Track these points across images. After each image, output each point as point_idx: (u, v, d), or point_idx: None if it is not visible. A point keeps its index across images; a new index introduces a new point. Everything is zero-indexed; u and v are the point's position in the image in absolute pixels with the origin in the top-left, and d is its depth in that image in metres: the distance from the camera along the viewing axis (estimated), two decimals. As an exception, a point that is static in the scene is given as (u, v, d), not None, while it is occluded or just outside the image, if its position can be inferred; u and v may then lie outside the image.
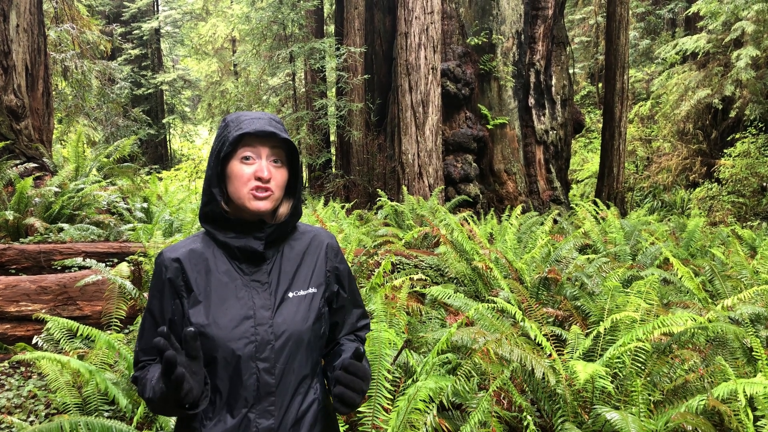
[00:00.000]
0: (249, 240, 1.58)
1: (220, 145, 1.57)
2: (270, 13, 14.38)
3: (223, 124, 1.63)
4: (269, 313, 1.56)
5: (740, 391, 2.65)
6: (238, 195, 1.56)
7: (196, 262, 1.59)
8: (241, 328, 1.53)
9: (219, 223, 1.61)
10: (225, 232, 1.60)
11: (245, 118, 1.59)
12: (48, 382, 3.54)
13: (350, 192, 13.62)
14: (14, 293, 4.66)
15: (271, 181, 1.56)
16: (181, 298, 1.57)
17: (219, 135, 1.61)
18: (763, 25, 13.96)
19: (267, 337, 1.54)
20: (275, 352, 1.55)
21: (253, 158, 1.56)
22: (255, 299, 1.57)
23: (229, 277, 1.58)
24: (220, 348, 1.51)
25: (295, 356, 1.58)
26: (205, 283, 1.56)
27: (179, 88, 28.51)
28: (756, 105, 15.10)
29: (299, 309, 1.60)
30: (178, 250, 1.61)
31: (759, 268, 5.86)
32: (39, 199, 7.21)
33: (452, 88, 11.77)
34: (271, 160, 1.58)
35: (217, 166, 1.57)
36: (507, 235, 7.12)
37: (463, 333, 3.61)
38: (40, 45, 9.91)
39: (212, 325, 1.51)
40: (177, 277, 1.57)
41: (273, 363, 1.54)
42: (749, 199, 14.35)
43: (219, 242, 1.61)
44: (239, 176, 1.55)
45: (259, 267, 1.61)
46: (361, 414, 3.07)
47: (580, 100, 25.22)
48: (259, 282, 1.59)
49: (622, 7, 14.11)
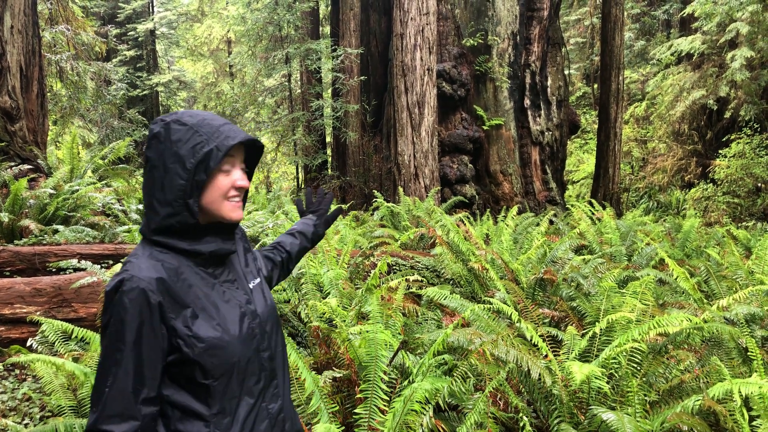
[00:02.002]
0: (224, 243, 1.57)
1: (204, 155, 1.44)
2: (266, 14, 14.36)
3: (183, 128, 1.48)
4: (252, 306, 1.62)
5: (736, 391, 2.66)
6: (216, 206, 1.51)
7: (176, 277, 1.46)
8: (244, 328, 1.55)
9: (188, 232, 1.50)
10: (192, 240, 1.51)
11: (218, 123, 1.50)
12: (43, 384, 3.52)
13: (346, 193, 13.62)
14: (9, 295, 4.64)
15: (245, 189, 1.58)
16: (169, 321, 1.42)
17: (184, 140, 1.46)
18: (758, 26, 14.01)
19: (260, 328, 1.61)
20: (268, 338, 1.64)
21: (231, 168, 1.53)
22: (238, 298, 1.59)
23: (207, 285, 1.53)
24: (237, 354, 1.51)
25: (279, 336, 1.71)
26: (195, 297, 1.48)
27: (175, 90, 28.43)
28: (751, 106, 15.15)
29: (264, 294, 1.70)
30: (152, 270, 1.43)
31: (754, 268, 5.88)
32: (34, 200, 7.18)
33: (448, 89, 11.78)
34: (242, 167, 1.58)
35: (200, 174, 1.45)
36: (503, 235, 7.12)
37: (460, 334, 3.60)
38: (35, 46, 9.88)
39: (224, 335, 1.49)
40: (164, 297, 1.41)
41: (273, 350, 1.64)
42: (744, 200, 14.40)
43: (185, 252, 1.50)
44: (220, 188, 1.50)
45: (222, 268, 1.61)
46: (358, 415, 3.07)
47: (575, 100, 25.27)
48: (229, 281, 1.60)
49: (617, 8, 14.15)
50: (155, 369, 1.40)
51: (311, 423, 3.08)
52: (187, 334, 1.43)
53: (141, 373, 1.37)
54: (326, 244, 5.77)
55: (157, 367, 1.40)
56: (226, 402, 1.49)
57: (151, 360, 1.39)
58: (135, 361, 1.36)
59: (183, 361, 1.43)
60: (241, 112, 19.96)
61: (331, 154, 16.81)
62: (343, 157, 14.37)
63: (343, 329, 3.50)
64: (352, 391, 3.41)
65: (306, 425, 3.08)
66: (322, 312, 4.11)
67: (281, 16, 13.93)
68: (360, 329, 3.54)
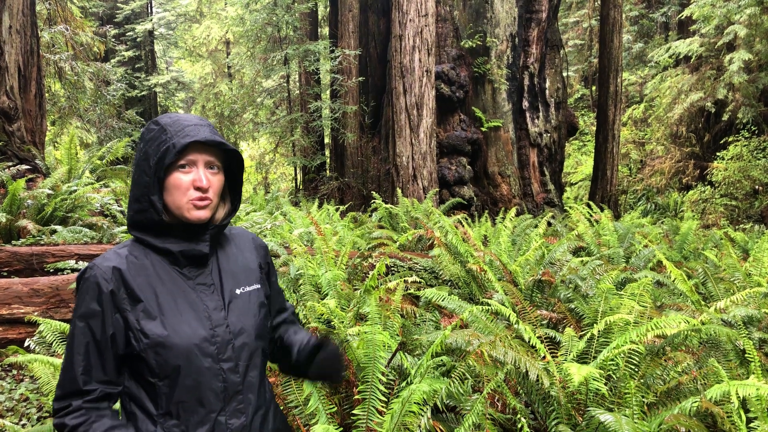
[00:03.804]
0: (192, 244, 1.56)
1: (162, 151, 1.49)
2: (264, 15, 14.37)
3: (156, 128, 1.54)
4: (223, 313, 1.57)
5: (733, 392, 2.66)
6: (177, 205, 1.52)
7: (137, 271, 1.51)
8: (201, 333, 1.51)
9: (155, 229, 1.55)
10: (163, 238, 1.55)
11: (187, 123, 1.54)
12: (40, 385, 3.52)
13: (344, 194, 13.63)
14: (6, 296, 4.63)
15: (209, 190, 1.54)
16: (122, 311, 1.47)
17: (153, 139, 1.52)
18: (756, 29, 14.04)
19: (226, 336, 1.55)
20: (236, 350, 1.56)
21: (190, 167, 1.53)
22: (206, 302, 1.56)
23: (174, 283, 1.54)
24: (183, 356, 1.48)
25: (254, 351, 1.61)
26: (153, 292, 1.50)
27: (173, 90, 28.44)
28: (748, 108, 15.18)
29: (249, 305, 1.64)
30: (113, 261, 1.51)
31: (751, 270, 5.88)
32: (31, 201, 7.17)
33: (446, 90, 11.79)
34: (209, 167, 1.56)
35: (158, 172, 1.49)
36: (501, 237, 7.12)
37: (458, 335, 3.61)
38: (33, 46, 9.87)
39: (172, 335, 1.47)
40: (119, 288, 1.48)
41: (236, 361, 1.56)
42: (742, 202, 14.42)
43: (156, 249, 1.55)
44: (178, 186, 1.51)
45: (202, 270, 1.60)
46: (356, 416, 3.07)
47: (573, 102, 25.30)
48: (204, 284, 1.58)
49: (615, 11, 14.17)
50: (102, 354, 1.47)
51: (309, 424, 3.08)
52: (136, 327, 1.47)
53: (88, 354, 1.46)
54: (325, 246, 5.77)
55: (104, 353, 1.47)
56: (173, 405, 1.48)
57: (99, 343, 1.46)
58: (84, 344, 1.46)
59: (133, 355, 1.48)
60: (240, 113, 19.94)
61: (330, 155, 16.82)
62: (342, 158, 14.38)
63: (341, 330, 3.50)
64: (350, 392, 3.41)
65: (304, 426, 3.08)
66: (320, 313, 4.10)
67: (280, 17, 13.94)
68: (358, 330, 3.53)
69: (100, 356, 1.47)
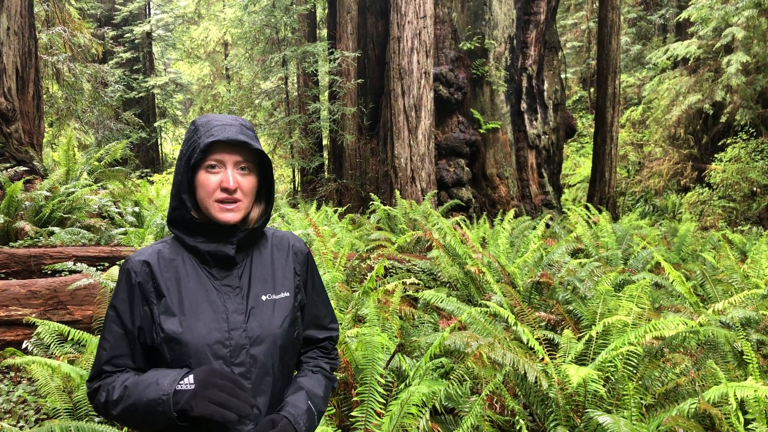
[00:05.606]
0: (220, 245, 1.56)
1: (190, 151, 1.52)
2: (263, 16, 14.38)
3: (192, 128, 1.57)
4: (242, 318, 1.54)
5: (731, 394, 2.67)
6: (205, 205, 1.53)
7: (166, 267, 1.55)
8: (215, 334, 1.50)
9: (188, 227, 1.57)
10: (194, 236, 1.57)
11: (216, 123, 1.54)
12: (38, 387, 3.51)
13: (343, 196, 13.63)
14: (4, 297, 4.62)
15: (237, 191, 1.53)
16: (150, 304, 1.52)
17: (188, 139, 1.56)
18: (753, 31, 14.08)
19: (241, 341, 1.52)
20: (250, 356, 1.53)
21: (219, 167, 1.53)
22: (227, 304, 1.54)
23: (199, 282, 1.55)
24: (194, 354, 1.47)
25: (272, 360, 1.57)
26: (177, 289, 1.52)
27: (171, 92, 28.45)
28: (746, 110, 15.21)
29: (274, 313, 1.60)
30: (146, 254, 1.57)
31: (749, 272, 5.90)
32: (29, 202, 7.16)
33: (445, 92, 11.81)
34: (239, 168, 1.54)
35: (187, 171, 1.53)
36: (499, 239, 7.13)
37: (456, 337, 3.61)
38: (31, 48, 9.87)
39: (186, 332, 1.48)
40: (147, 281, 1.53)
41: (249, 367, 1.53)
42: (740, 204, 14.45)
43: (188, 247, 1.58)
44: (205, 186, 1.52)
45: (230, 272, 1.59)
46: (354, 418, 3.07)
47: (572, 104, 25.33)
48: (230, 287, 1.57)
49: (613, 13, 14.20)
50: (130, 343, 1.52)
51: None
52: (157, 320, 1.51)
53: (116, 341, 1.52)
54: (323, 247, 5.77)
55: (132, 342, 1.52)
56: None
57: (128, 332, 1.52)
58: (113, 330, 1.53)
59: (154, 347, 1.52)
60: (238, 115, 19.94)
61: (328, 156, 16.83)
62: (340, 159, 14.38)
63: (339, 332, 3.50)
64: (348, 394, 3.41)
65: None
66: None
67: (278, 18, 13.95)
68: (357, 332, 3.53)
69: (129, 344, 1.52)
